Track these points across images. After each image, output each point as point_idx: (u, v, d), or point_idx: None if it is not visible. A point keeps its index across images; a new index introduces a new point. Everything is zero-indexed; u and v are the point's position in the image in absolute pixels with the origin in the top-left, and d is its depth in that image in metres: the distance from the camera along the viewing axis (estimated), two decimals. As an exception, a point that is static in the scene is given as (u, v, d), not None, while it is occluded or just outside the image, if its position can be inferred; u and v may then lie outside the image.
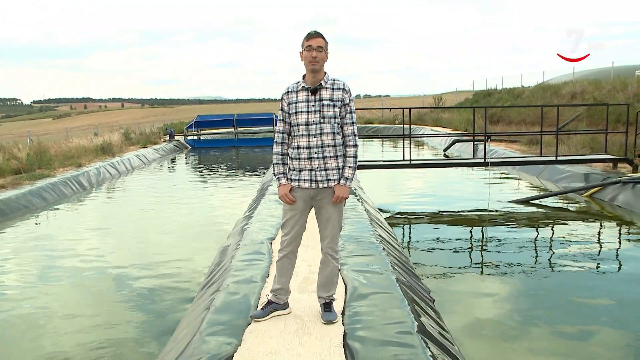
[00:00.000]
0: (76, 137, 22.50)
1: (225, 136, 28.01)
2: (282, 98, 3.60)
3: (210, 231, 8.87)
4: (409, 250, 7.36)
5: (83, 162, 16.42)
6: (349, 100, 3.55)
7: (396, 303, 3.94)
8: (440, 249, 7.39)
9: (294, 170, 3.56)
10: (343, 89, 3.52)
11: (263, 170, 16.62)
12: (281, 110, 3.61)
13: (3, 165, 13.71)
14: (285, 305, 3.78)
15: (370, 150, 22.10)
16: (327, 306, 3.70)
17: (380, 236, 6.15)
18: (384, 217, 8.60)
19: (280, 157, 3.62)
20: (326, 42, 3.50)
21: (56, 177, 13.29)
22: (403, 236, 8.16)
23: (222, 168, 18.31)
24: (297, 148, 3.52)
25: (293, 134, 3.56)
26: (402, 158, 11.66)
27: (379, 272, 4.66)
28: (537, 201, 10.17)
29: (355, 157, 3.58)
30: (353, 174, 3.58)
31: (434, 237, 7.99)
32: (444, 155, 18.98)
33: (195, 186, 14.39)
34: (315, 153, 3.48)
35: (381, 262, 4.97)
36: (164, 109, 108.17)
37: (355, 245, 5.61)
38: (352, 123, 3.56)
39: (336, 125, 3.51)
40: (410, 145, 11.44)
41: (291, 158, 3.58)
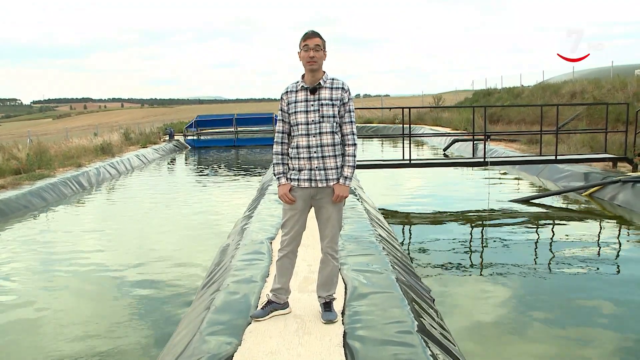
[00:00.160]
0: (76, 137, 22.50)
1: (225, 136, 27.98)
2: (282, 98, 3.60)
3: (210, 231, 8.87)
4: (409, 249, 7.37)
5: (83, 162, 16.43)
6: (348, 99, 3.55)
7: (396, 302, 3.94)
8: (440, 249, 7.39)
9: (294, 169, 3.57)
10: (342, 89, 3.52)
11: (263, 170, 16.62)
12: (281, 110, 3.61)
13: (3, 165, 13.71)
14: (285, 304, 3.78)
15: (370, 149, 22.11)
16: (327, 306, 3.70)
17: (380, 236, 6.15)
18: (384, 217, 8.60)
19: (280, 157, 3.63)
20: (323, 41, 3.49)
21: (56, 177, 13.29)
22: (403, 236, 8.17)
23: (222, 168, 18.32)
24: (297, 147, 3.52)
25: (293, 134, 3.56)
26: (402, 158, 11.67)
27: (379, 272, 4.66)
28: (537, 200, 10.18)
29: (354, 157, 3.58)
30: (352, 173, 3.58)
31: (434, 237, 8.00)
32: (444, 154, 18.99)
33: (195, 186, 14.39)
34: (314, 152, 3.48)
35: (381, 262, 4.97)
36: (164, 109, 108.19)
37: (355, 244, 5.61)
38: (351, 122, 3.56)
39: (335, 124, 3.51)
40: (410, 144, 11.45)
41: (291, 158, 3.58)
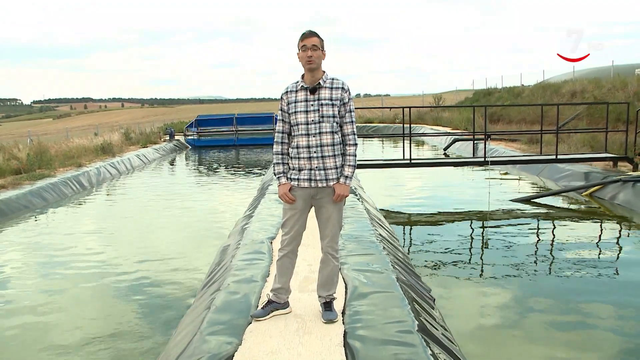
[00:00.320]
0: (76, 137, 22.50)
1: (225, 136, 27.94)
2: (282, 98, 3.60)
3: (210, 230, 8.87)
4: (409, 249, 7.37)
5: (83, 162, 16.43)
6: (348, 99, 3.55)
7: (396, 302, 3.94)
8: (440, 248, 7.39)
9: (294, 169, 3.57)
10: (342, 88, 3.52)
11: (263, 169, 16.62)
12: (281, 110, 3.61)
13: (3, 165, 13.72)
14: (285, 304, 3.78)
15: (370, 149, 22.11)
16: (328, 305, 3.70)
17: (380, 235, 6.15)
18: (384, 216, 8.60)
19: (280, 157, 3.63)
20: (321, 40, 3.49)
21: (56, 177, 13.29)
22: (403, 235, 8.17)
23: (222, 167, 18.32)
24: (297, 147, 3.53)
25: (293, 134, 3.57)
26: (402, 157, 11.67)
27: (379, 271, 4.66)
28: (537, 200, 10.18)
29: (354, 156, 3.59)
30: (353, 173, 3.59)
31: (434, 236, 8.00)
32: (444, 154, 18.99)
33: (195, 186, 14.39)
34: (314, 152, 3.48)
35: (381, 261, 4.97)
36: (164, 109, 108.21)
37: (355, 244, 5.61)
38: (351, 122, 3.56)
39: (335, 124, 3.51)
40: (410, 144, 11.45)
41: (291, 157, 3.58)
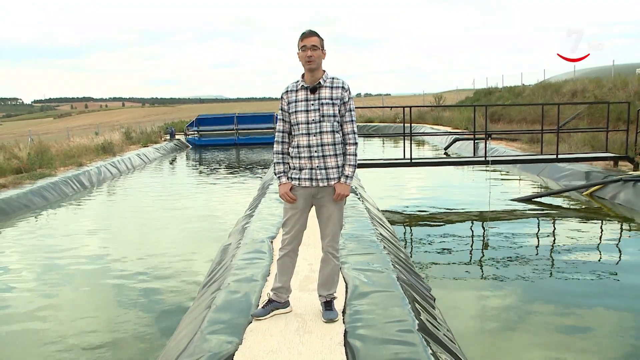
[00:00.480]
0: (77, 137, 22.51)
1: (225, 134, 27.92)
2: (282, 97, 3.60)
3: (211, 230, 8.88)
4: (410, 248, 7.37)
5: (84, 162, 16.44)
6: (349, 98, 3.55)
7: (397, 301, 3.94)
8: (440, 248, 7.39)
9: (295, 169, 3.57)
10: (342, 87, 3.52)
11: (264, 169, 16.62)
12: (281, 109, 3.61)
13: (4, 164, 13.73)
14: (286, 303, 3.79)
15: (370, 149, 22.10)
16: (328, 305, 3.70)
17: (380, 235, 6.15)
18: (385, 216, 8.60)
19: (280, 156, 3.63)
20: (321, 40, 3.49)
21: (57, 177, 13.31)
22: (404, 235, 8.17)
23: (223, 167, 18.32)
24: (297, 147, 3.53)
25: (293, 133, 3.57)
26: (403, 157, 11.68)
27: (380, 271, 4.66)
28: (538, 200, 10.18)
29: (355, 155, 3.59)
30: (353, 172, 3.59)
31: (435, 236, 7.99)
32: (445, 153, 18.99)
33: (196, 185, 14.40)
34: (315, 152, 3.48)
35: (382, 261, 4.98)
36: (165, 108, 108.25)
37: (356, 243, 5.61)
38: (352, 121, 3.56)
39: (336, 123, 3.51)
40: (410, 143, 11.46)
41: (292, 157, 3.58)
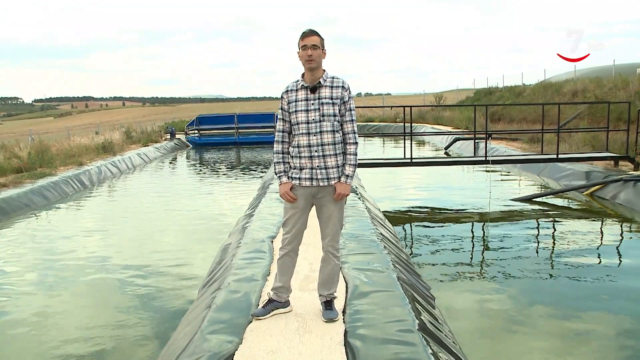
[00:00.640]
0: (77, 136, 22.52)
1: (226, 133, 27.89)
2: (282, 97, 3.60)
3: (211, 229, 8.88)
4: (410, 248, 7.37)
5: (84, 161, 16.45)
6: (349, 98, 3.55)
7: (397, 301, 3.94)
8: (441, 247, 7.39)
9: (295, 168, 3.57)
10: (342, 87, 3.52)
11: (264, 168, 16.62)
12: (281, 109, 3.61)
13: (4, 164, 13.74)
14: (286, 303, 3.79)
15: (371, 148, 22.10)
16: (328, 304, 3.70)
17: (381, 234, 6.15)
18: (385, 215, 8.60)
19: (281, 156, 3.63)
20: (322, 39, 3.48)
21: (57, 176, 13.31)
22: (404, 234, 8.17)
23: (223, 166, 18.32)
24: (298, 147, 3.52)
25: (293, 133, 3.56)
26: (403, 156, 11.68)
27: (380, 270, 4.66)
28: (538, 199, 10.17)
29: (355, 155, 3.58)
30: (353, 172, 3.58)
31: (435, 235, 7.99)
32: (445, 153, 18.98)
33: (196, 184, 14.40)
34: (315, 151, 3.48)
35: (382, 261, 4.98)
36: (165, 108, 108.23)
37: (356, 243, 5.61)
38: (352, 121, 3.56)
39: (336, 123, 3.51)
40: (411, 143, 11.46)
41: (292, 156, 3.58)
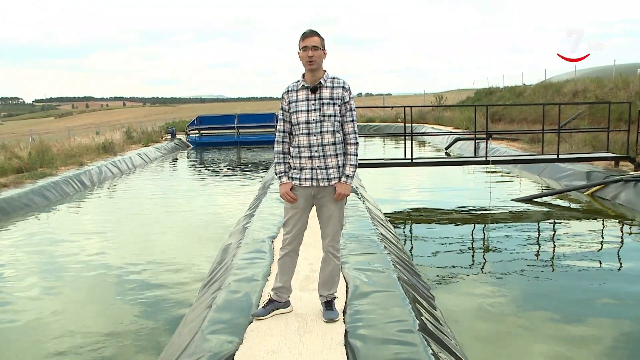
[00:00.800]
0: (78, 136, 22.53)
1: (226, 133, 27.88)
2: (283, 97, 3.61)
3: (211, 229, 8.88)
4: (411, 248, 7.37)
5: (85, 161, 16.45)
6: (349, 98, 3.55)
7: (397, 301, 3.94)
8: (441, 247, 7.39)
9: (295, 168, 3.57)
10: (343, 87, 3.52)
11: (265, 168, 16.62)
12: (281, 109, 3.61)
13: (5, 164, 13.74)
14: (286, 303, 3.79)
15: (371, 148, 22.09)
16: (329, 304, 3.70)
17: (381, 234, 6.15)
18: (385, 216, 8.60)
19: (281, 156, 3.63)
20: (322, 40, 3.49)
21: (58, 176, 13.32)
22: (404, 234, 8.17)
23: (224, 166, 18.32)
24: (298, 147, 3.53)
25: (294, 133, 3.57)
26: (404, 156, 11.67)
27: (381, 271, 4.66)
28: (539, 200, 10.17)
29: (355, 155, 3.59)
30: (354, 172, 3.59)
31: (435, 236, 7.99)
32: (446, 153, 18.98)
33: (196, 184, 14.40)
34: (315, 152, 3.48)
35: (382, 261, 4.98)
36: (166, 108, 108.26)
37: (356, 243, 5.61)
38: (353, 121, 3.57)
39: (336, 123, 3.51)
40: (411, 143, 11.46)
41: (292, 157, 3.58)
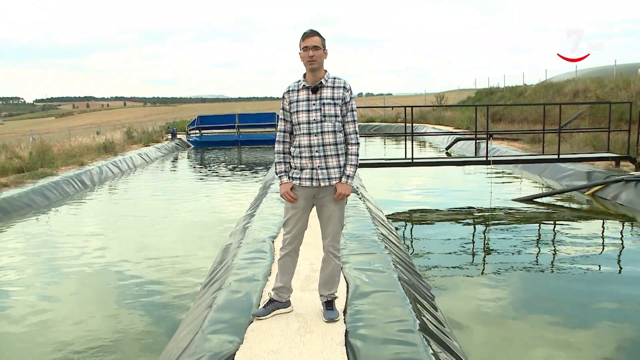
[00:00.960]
0: (79, 136, 22.54)
1: (227, 132, 27.87)
2: (283, 97, 3.61)
3: (212, 229, 8.88)
4: (411, 248, 7.37)
5: (85, 161, 16.46)
6: (350, 98, 3.55)
7: (398, 301, 3.94)
8: (441, 247, 7.39)
9: (296, 168, 3.57)
10: (344, 87, 3.52)
11: (265, 168, 16.63)
12: (282, 109, 3.61)
13: (6, 164, 13.75)
14: (287, 303, 3.79)
15: (372, 148, 22.09)
16: (329, 304, 3.71)
17: (382, 234, 6.15)
18: (386, 216, 8.60)
19: (281, 156, 3.63)
20: (323, 39, 3.49)
21: (59, 176, 13.32)
22: (405, 234, 8.17)
23: (224, 166, 18.33)
24: (299, 147, 3.53)
25: (295, 133, 3.57)
26: (404, 156, 11.68)
27: (381, 271, 4.66)
28: (539, 200, 10.17)
29: (356, 155, 3.59)
30: (354, 172, 3.59)
31: (436, 236, 7.99)
32: (446, 153, 18.98)
33: (197, 184, 14.41)
34: (316, 152, 3.49)
35: (383, 261, 4.98)
36: (166, 108, 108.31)
37: (357, 243, 5.61)
38: (354, 121, 3.57)
39: (337, 123, 3.51)
40: (412, 143, 11.46)
41: (293, 157, 3.59)
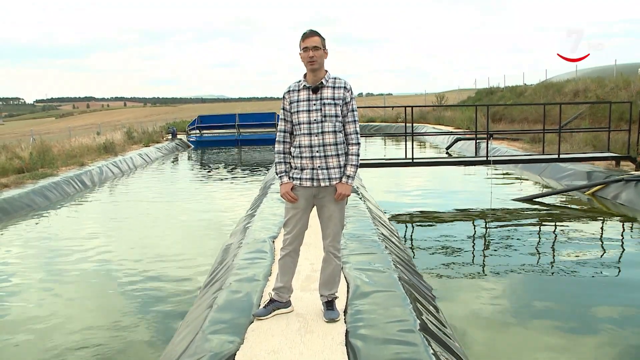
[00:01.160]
0: (79, 136, 22.55)
1: (227, 132, 27.87)
2: (284, 97, 3.61)
3: (212, 229, 8.88)
4: (412, 248, 7.37)
5: (86, 161, 16.46)
6: (351, 98, 3.55)
7: (398, 301, 3.94)
8: (442, 247, 7.39)
9: (296, 168, 3.57)
10: (344, 88, 3.52)
11: (265, 168, 16.63)
12: (283, 109, 3.61)
13: (6, 164, 13.76)
14: (287, 303, 3.79)
15: (372, 148, 22.09)
16: (330, 304, 3.71)
17: (382, 234, 6.15)
18: (386, 216, 8.60)
19: (282, 156, 3.63)
20: (323, 40, 3.49)
21: (59, 176, 13.33)
22: (405, 234, 8.16)
23: (224, 166, 18.33)
24: (299, 147, 3.53)
25: (295, 133, 3.57)
26: (404, 156, 11.67)
27: (381, 271, 4.66)
28: (540, 199, 10.16)
29: (357, 155, 3.59)
30: (355, 172, 3.59)
31: (436, 236, 7.99)
32: (446, 153, 18.97)
33: (197, 185, 14.41)
34: (316, 152, 3.49)
35: (383, 261, 4.98)
36: (167, 108, 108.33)
37: (357, 243, 5.61)
38: (354, 121, 3.57)
39: (338, 123, 3.51)
40: (412, 143, 11.46)
41: (293, 157, 3.59)
